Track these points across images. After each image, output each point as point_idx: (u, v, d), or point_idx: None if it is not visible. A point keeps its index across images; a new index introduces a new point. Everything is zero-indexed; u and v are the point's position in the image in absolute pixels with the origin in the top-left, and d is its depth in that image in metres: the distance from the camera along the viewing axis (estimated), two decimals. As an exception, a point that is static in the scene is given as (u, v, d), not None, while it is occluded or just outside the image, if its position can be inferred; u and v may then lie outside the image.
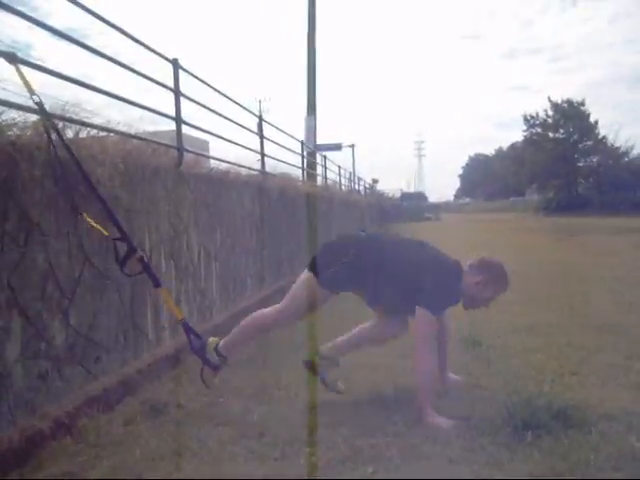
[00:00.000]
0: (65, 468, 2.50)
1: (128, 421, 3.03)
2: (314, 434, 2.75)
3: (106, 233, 3.12)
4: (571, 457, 2.38)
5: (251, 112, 7.88)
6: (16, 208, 2.74)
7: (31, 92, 2.83)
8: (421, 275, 3.07)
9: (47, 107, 2.96)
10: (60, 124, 3.11)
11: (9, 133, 2.75)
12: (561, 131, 45.08)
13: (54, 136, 2.90)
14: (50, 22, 3.33)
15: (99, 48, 3.81)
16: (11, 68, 2.81)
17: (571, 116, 44.17)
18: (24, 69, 2.89)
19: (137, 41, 4.26)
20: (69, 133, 3.25)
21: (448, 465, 2.40)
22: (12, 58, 2.80)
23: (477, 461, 2.41)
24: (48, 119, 2.89)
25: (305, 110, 16.46)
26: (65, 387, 3.06)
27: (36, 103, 2.84)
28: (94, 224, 3.07)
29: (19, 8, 3.05)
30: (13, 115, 2.84)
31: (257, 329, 3.41)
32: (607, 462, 2.34)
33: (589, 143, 44.65)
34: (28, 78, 2.86)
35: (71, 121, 3.28)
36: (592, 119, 44.46)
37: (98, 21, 3.69)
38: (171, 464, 2.52)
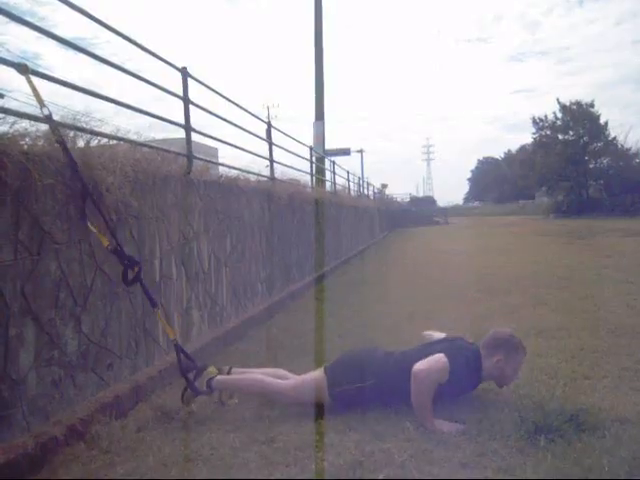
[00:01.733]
0: (78, 474, 2.52)
1: (140, 427, 3.05)
2: (324, 439, 2.76)
3: (106, 243, 3.15)
4: (584, 461, 2.36)
5: (260, 119, 7.91)
6: (28, 217, 2.77)
7: (41, 104, 2.86)
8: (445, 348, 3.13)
9: (58, 117, 3.01)
10: (71, 133, 3.15)
11: (21, 143, 2.79)
12: (571, 133, 44.78)
13: (61, 148, 2.92)
14: (57, 32, 3.37)
15: (107, 57, 3.85)
16: (22, 78, 2.85)
17: (580, 118, 43.88)
18: (35, 79, 2.93)
19: (146, 50, 4.30)
20: (80, 142, 3.28)
21: (460, 470, 2.39)
22: (24, 69, 2.84)
23: (489, 465, 2.41)
24: (57, 132, 2.92)
25: (313, 116, 16.51)
26: (78, 394, 3.08)
27: (45, 116, 2.87)
28: (97, 233, 3.10)
29: (27, 19, 3.10)
30: (25, 125, 2.88)
31: (257, 393, 3.41)
32: (621, 466, 2.32)
33: (599, 145, 44.30)
34: (39, 87, 2.90)
35: (82, 130, 3.32)
36: (602, 120, 44.20)
37: (104, 30, 3.73)
38: (183, 470, 2.53)
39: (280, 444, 2.73)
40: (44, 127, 2.97)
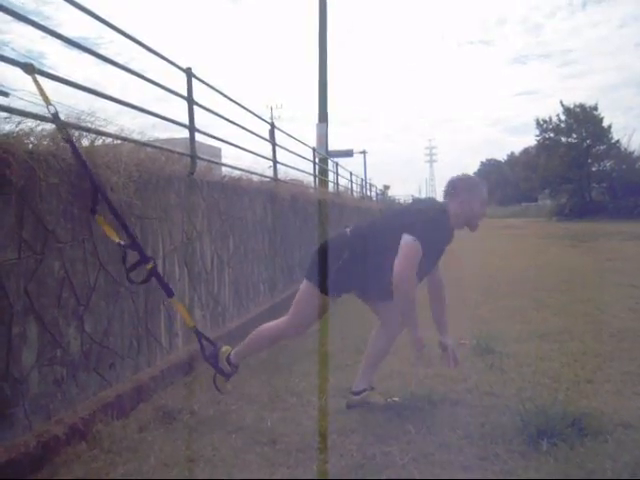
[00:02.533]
0: (80, 474, 2.53)
1: (142, 427, 3.05)
2: (327, 441, 2.75)
3: (117, 239, 3.11)
4: (587, 466, 2.36)
5: (263, 119, 7.92)
6: (32, 216, 2.77)
7: (47, 103, 2.87)
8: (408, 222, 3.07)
9: (63, 116, 3.01)
10: (76, 133, 3.15)
11: (26, 142, 2.79)
12: (574, 136, 44.75)
13: (69, 146, 2.92)
14: (61, 31, 3.38)
15: (111, 57, 3.86)
16: (25, 78, 2.85)
17: (584, 120, 43.84)
18: (40, 78, 2.93)
19: (151, 50, 4.31)
20: (85, 142, 3.29)
21: (462, 473, 2.39)
22: (30, 69, 2.84)
23: (491, 469, 2.40)
24: (63, 129, 2.92)
25: (317, 117, 16.51)
26: (80, 393, 3.08)
27: (52, 114, 2.87)
28: (107, 229, 3.09)
29: (33, 18, 3.10)
30: (30, 124, 2.88)
31: (266, 341, 3.40)
32: (624, 471, 2.32)
33: (602, 148, 44.27)
34: (44, 87, 2.90)
35: (87, 130, 3.33)
36: (605, 123, 44.17)
37: (108, 30, 3.74)
38: (185, 470, 2.53)
39: (282, 445, 2.73)
40: (49, 126, 2.98)
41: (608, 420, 2.81)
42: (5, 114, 2.82)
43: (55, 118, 2.90)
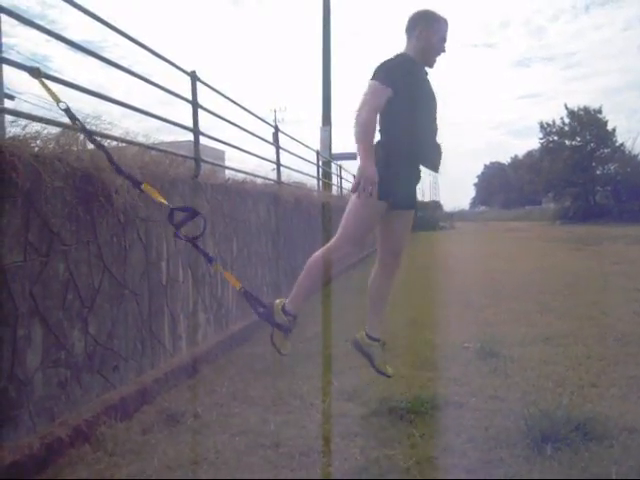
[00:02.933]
0: (83, 476, 2.53)
1: (146, 430, 3.05)
2: (330, 444, 2.75)
3: (165, 202, 3.21)
4: (592, 470, 2.35)
5: (267, 122, 7.94)
6: (38, 219, 2.79)
7: (57, 100, 2.88)
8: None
9: (68, 121, 3.02)
10: (82, 136, 3.17)
11: (32, 145, 2.80)
12: (578, 139, 44.69)
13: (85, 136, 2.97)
14: (66, 34, 3.39)
15: (115, 60, 3.87)
16: (29, 81, 2.87)
17: (588, 123, 43.78)
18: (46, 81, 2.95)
19: (155, 54, 4.32)
20: (90, 145, 3.30)
21: (466, 477, 2.38)
22: (36, 73, 2.86)
23: (495, 473, 2.40)
24: (78, 121, 2.94)
25: (320, 119, 16.53)
26: (84, 395, 3.09)
27: (64, 109, 2.89)
28: (157, 194, 3.16)
29: (38, 22, 3.12)
30: (37, 127, 2.90)
31: (321, 269, 3.30)
32: (629, 476, 2.31)
33: (606, 151, 44.20)
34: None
35: (92, 133, 3.33)
36: (609, 126, 44.09)
37: (113, 34, 3.76)
38: (188, 473, 2.54)
39: (285, 449, 2.72)
40: (55, 130, 2.99)
41: (613, 424, 2.80)
42: (12, 117, 2.84)
43: (67, 111, 2.92)
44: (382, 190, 3.01)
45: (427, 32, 3.14)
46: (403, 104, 3.06)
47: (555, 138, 46.12)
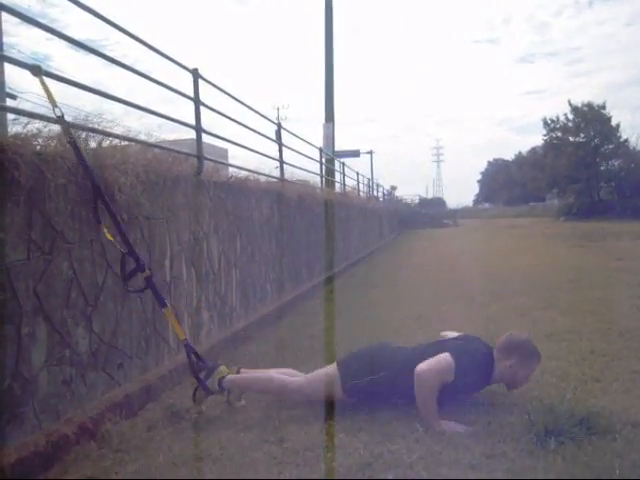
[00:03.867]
0: (89, 472, 2.55)
1: (150, 427, 3.06)
2: (334, 440, 2.76)
3: (118, 247, 3.19)
4: (595, 464, 2.35)
5: (270, 120, 7.93)
6: (41, 217, 2.80)
7: (54, 105, 2.89)
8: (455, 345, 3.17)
9: (71, 118, 3.03)
10: (84, 134, 3.18)
11: (34, 143, 2.81)
12: (582, 135, 44.56)
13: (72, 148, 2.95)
14: (67, 33, 3.40)
15: (117, 58, 3.87)
16: (30, 80, 2.88)
17: (592, 119, 43.64)
18: (47, 80, 2.96)
19: (157, 51, 4.33)
20: (92, 143, 3.31)
21: (469, 471, 2.38)
22: (37, 71, 2.86)
23: (498, 468, 2.40)
24: (69, 132, 2.94)
25: (323, 117, 16.53)
26: (88, 393, 3.10)
27: (58, 117, 2.90)
28: (110, 237, 3.13)
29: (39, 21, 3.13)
30: (38, 125, 2.90)
31: (269, 391, 3.43)
32: (632, 470, 2.31)
33: (610, 147, 44.07)
34: (51, 88, 2.93)
35: (94, 131, 3.35)
36: (613, 122, 43.94)
37: (114, 32, 3.77)
38: (193, 469, 2.55)
39: (289, 444, 2.73)
40: (57, 128, 3.00)
41: (616, 419, 2.80)
42: (13, 116, 2.85)
43: (61, 121, 2.92)
44: (348, 388, 3.19)
45: (518, 367, 3.12)
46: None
47: (559, 134, 45.99)
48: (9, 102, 3.09)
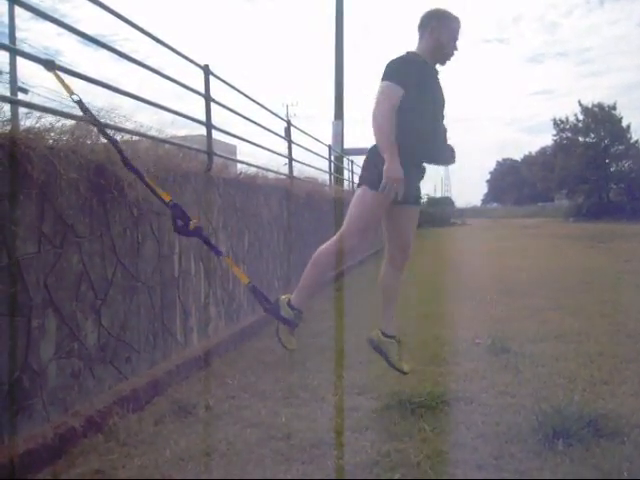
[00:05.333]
0: (96, 465, 2.55)
1: (158, 421, 3.07)
2: (341, 438, 2.76)
3: (169, 198, 3.29)
4: (603, 467, 2.34)
5: (280, 117, 7.94)
6: (52, 211, 2.81)
7: (70, 92, 2.91)
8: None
9: (81, 113, 3.04)
10: (95, 129, 3.19)
11: (47, 137, 2.82)
12: (592, 135, 44.34)
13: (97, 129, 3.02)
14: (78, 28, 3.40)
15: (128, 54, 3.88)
16: (43, 75, 2.90)
17: (602, 120, 43.42)
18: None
19: (168, 47, 4.33)
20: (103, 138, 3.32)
21: (476, 472, 2.38)
22: (51, 66, 2.88)
23: (506, 469, 2.39)
24: (90, 113, 2.96)
25: (332, 114, 16.51)
26: (96, 386, 3.12)
27: (76, 102, 2.92)
28: (158, 190, 3.23)
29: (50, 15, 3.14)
30: (51, 120, 2.92)
31: (326, 262, 3.39)
32: (641, 473, 2.29)
33: (621, 147, 43.83)
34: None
35: (106, 126, 3.35)
36: (623, 123, 43.67)
37: (124, 28, 3.78)
38: (200, 464, 2.55)
39: (296, 441, 2.73)
40: (69, 122, 3.01)
41: (625, 421, 2.78)
42: (26, 110, 2.86)
43: (79, 103, 2.94)
44: (375, 181, 3.13)
45: (438, 31, 3.16)
46: (410, 102, 3.08)
47: (569, 135, 45.80)
48: (20, 96, 3.10)
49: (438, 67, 3.36)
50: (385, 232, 3.47)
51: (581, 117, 44.77)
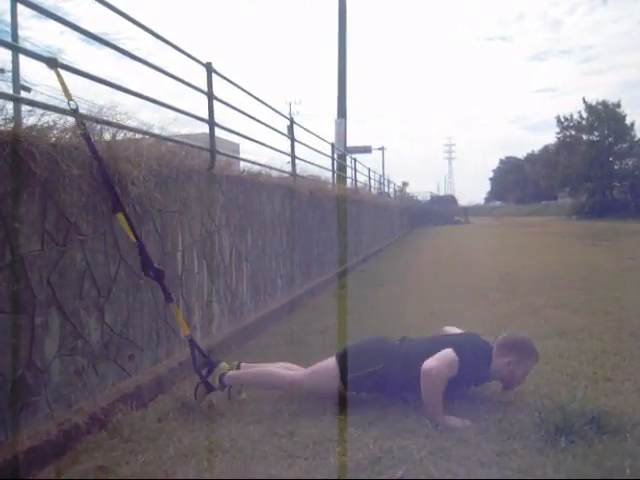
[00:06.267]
0: (99, 462, 2.56)
1: (161, 418, 3.08)
2: (344, 434, 2.76)
3: (133, 239, 3.19)
4: (606, 464, 2.34)
5: (283, 115, 7.93)
6: (55, 208, 2.82)
7: (69, 98, 2.91)
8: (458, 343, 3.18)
9: (85, 110, 3.05)
10: (98, 127, 3.19)
11: (49, 135, 2.83)
12: (595, 133, 44.23)
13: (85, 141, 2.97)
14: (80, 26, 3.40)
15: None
16: (46, 72, 2.90)
17: (606, 118, 43.32)
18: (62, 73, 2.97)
19: (171, 44, 4.33)
20: (106, 136, 3.33)
21: (479, 468, 2.38)
22: (53, 63, 2.88)
23: (508, 465, 2.39)
24: (83, 125, 2.95)
25: (335, 113, 16.50)
26: (100, 383, 3.13)
27: (72, 110, 2.91)
28: (126, 227, 3.14)
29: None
30: (54, 117, 2.92)
31: (269, 386, 3.44)
32: (643, 469, 2.29)
33: (624, 145, 43.71)
34: (66, 81, 2.94)
35: (109, 124, 3.36)
36: (627, 121, 43.54)
37: (126, 26, 3.78)
38: (203, 461, 2.56)
39: (299, 438, 2.74)
40: (71, 120, 3.02)
41: (627, 418, 2.78)
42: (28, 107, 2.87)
43: (75, 112, 2.94)
44: (348, 381, 3.18)
45: (516, 366, 3.13)
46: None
47: (572, 132, 45.70)
48: (23, 94, 3.10)
49: None
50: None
51: (585, 115, 44.68)
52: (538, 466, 2.37)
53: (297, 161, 8.17)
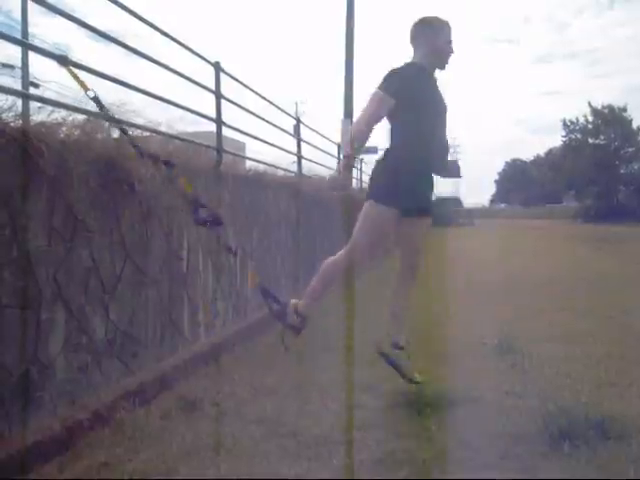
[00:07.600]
0: (102, 458, 2.56)
1: (164, 415, 3.08)
2: (347, 435, 2.76)
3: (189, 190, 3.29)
4: (609, 469, 2.33)
5: (289, 114, 7.94)
6: (63, 205, 2.83)
7: (85, 88, 2.92)
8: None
9: (93, 108, 3.05)
10: (107, 124, 3.20)
11: (58, 132, 2.84)
12: (602, 137, 44.10)
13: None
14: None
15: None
16: (54, 70, 2.91)
17: (612, 122, 43.19)
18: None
19: (180, 43, 4.34)
20: (115, 133, 3.34)
21: (482, 472, 2.38)
22: (64, 61, 2.89)
23: (511, 469, 2.39)
24: (105, 110, 2.97)
25: (342, 112, 16.47)
26: (104, 380, 3.14)
27: (92, 98, 2.93)
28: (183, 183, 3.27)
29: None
30: (63, 114, 2.93)
31: (333, 274, 3.43)
32: (647, 475, 2.28)
33: (631, 149, 43.58)
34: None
35: (117, 121, 3.37)
36: (634, 125, 43.41)
37: (132, 24, 3.78)
38: (205, 459, 2.56)
39: (302, 438, 2.74)
40: (80, 117, 3.03)
41: (631, 423, 2.76)
42: (38, 104, 2.88)
43: (95, 100, 2.95)
44: (390, 197, 3.13)
45: (433, 37, 3.19)
46: (409, 112, 3.12)
47: (578, 136, 45.58)
48: (32, 90, 3.11)
49: (439, 73, 3.37)
50: (396, 243, 3.47)
51: (591, 118, 44.54)
52: (541, 470, 2.37)
53: (303, 161, 8.18)
